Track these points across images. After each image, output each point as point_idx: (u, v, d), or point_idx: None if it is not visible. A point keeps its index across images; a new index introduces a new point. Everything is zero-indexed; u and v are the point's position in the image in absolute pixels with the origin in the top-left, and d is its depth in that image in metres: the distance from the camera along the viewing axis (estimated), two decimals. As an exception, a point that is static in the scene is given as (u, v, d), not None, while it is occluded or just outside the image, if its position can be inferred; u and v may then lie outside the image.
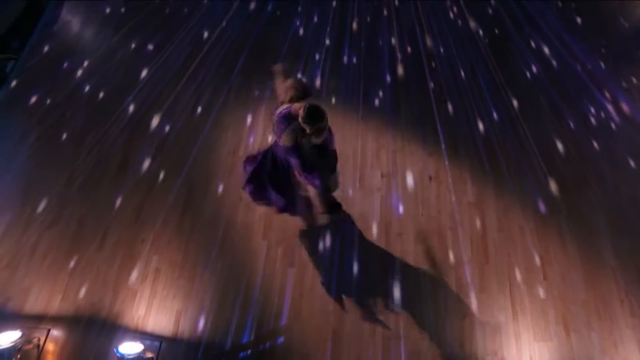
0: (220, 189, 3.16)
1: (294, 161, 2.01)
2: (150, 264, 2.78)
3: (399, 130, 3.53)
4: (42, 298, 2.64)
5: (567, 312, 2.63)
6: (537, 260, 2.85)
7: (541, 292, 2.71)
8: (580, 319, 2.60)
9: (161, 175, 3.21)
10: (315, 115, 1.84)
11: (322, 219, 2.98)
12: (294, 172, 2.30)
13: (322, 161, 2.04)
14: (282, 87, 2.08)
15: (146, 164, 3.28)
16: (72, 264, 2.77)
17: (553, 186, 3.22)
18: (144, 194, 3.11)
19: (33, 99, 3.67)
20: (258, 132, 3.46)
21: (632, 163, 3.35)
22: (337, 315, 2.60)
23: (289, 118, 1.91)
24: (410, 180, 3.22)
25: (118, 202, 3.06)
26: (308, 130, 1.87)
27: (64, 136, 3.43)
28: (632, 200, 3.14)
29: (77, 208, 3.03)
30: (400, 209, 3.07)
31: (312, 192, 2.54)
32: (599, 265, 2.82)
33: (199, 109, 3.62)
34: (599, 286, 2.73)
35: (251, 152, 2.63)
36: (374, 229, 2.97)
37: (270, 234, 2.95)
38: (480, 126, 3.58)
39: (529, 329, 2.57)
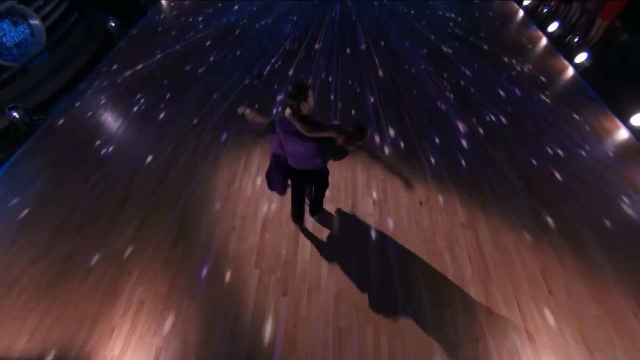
0: (214, 219, 3.24)
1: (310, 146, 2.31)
2: (135, 296, 2.66)
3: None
4: (6, 338, 2.42)
5: (582, 328, 2.52)
6: (539, 275, 2.84)
7: (551, 309, 2.62)
8: (600, 337, 2.48)
9: (156, 209, 3.32)
10: (361, 132, 2.22)
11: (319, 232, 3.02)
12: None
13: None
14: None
15: (144, 198, 3.41)
16: (48, 300, 2.63)
17: (536, 205, 3.42)
18: (136, 227, 3.16)
19: (52, 147, 4.00)
20: (252, 169, 3.73)
21: (597, 180, 3.67)
22: (336, 348, 2.42)
23: (285, 121, 2.24)
24: (402, 205, 3.39)
25: (111, 235, 3.08)
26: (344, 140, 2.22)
27: (72, 176, 3.63)
28: (609, 214, 3.33)
29: (69, 242, 3.02)
30: (395, 232, 3.15)
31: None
32: (601, 279, 2.82)
33: (198, 151, 3.96)
34: (607, 300, 2.68)
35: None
36: (371, 254, 2.98)
37: (262, 262, 2.93)
38: (460, 156, 3.96)
39: (548, 350, 2.41)
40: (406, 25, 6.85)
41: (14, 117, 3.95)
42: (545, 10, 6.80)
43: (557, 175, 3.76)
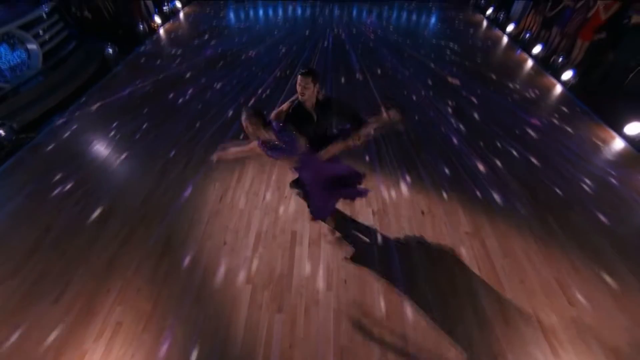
0: (204, 233, 3.07)
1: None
2: (112, 316, 2.41)
3: (384, 173, 3.79)
4: (-43, 369, 2.12)
5: (612, 341, 2.30)
6: (554, 283, 2.67)
7: (573, 320, 2.42)
8: (633, 351, 2.26)
9: (142, 224, 3.15)
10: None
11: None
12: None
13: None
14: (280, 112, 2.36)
15: (129, 213, 3.25)
16: (12, 323, 2.36)
17: (541, 212, 3.32)
18: (119, 243, 2.96)
19: (35, 165, 3.88)
20: (246, 184, 3.62)
21: (600, 188, 3.63)
22: (339, 370, 2.16)
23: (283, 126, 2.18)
24: (403, 215, 3.26)
25: (90, 252, 2.88)
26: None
27: (54, 193, 3.47)
28: (619, 220, 3.24)
29: (44, 260, 2.80)
30: (398, 243, 2.99)
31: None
32: (624, 287, 2.66)
33: (190, 165, 3.87)
34: (634, 310, 2.50)
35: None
36: (372, 266, 2.80)
37: (255, 277, 2.72)
38: (459, 165, 3.93)
39: (575, 367, 2.18)
40: (403, 53, 7.09)
41: (-1, 134, 3.89)
42: (527, 35, 7.23)
43: (561, 183, 3.71)
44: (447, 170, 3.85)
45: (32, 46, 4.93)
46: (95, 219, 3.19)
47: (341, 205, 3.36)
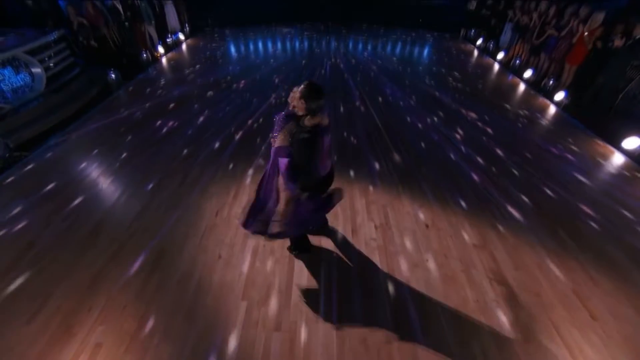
0: (198, 247, 2.93)
1: (282, 162, 2.05)
2: (91, 337, 2.20)
3: (385, 188, 3.73)
4: None
5: (642, 356, 2.11)
6: (573, 296, 2.51)
7: (599, 336, 2.24)
8: (666, 367, 2.06)
9: (133, 239, 3.01)
10: (314, 91, 1.91)
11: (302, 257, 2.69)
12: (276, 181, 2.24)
13: (311, 162, 2.06)
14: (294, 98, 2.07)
15: (120, 228, 3.12)
16: (-21, 346, 2.14)
17: (550, 224, 3.23)
18: (108, 258, 2.80)
19: (26, 182, 3.79)
20: (243, 199, 3.54)
21: (608, 200, 3.58)
22: (344, 396, 1.94)
23: (289, 116, 2.07)
24: (407, 228, 3.16)
25: (75, 268, 2.71)
26: (304, 109, 1.94)
27: (42, 209, 3.36)
28: (632, 232, 3.15)
29: (21, 276, 2.62)
30: (403, 257, 2.86)
31: (283, 199, 2.24)
32: (647, 298, 2.50)
33: (186, 182, 3.80)
34: (663, 322, 2.32)
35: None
36: (377, 280, 2.65)
37: (251, 292, 2.55)
38: (461, 180, 3.89)
39: (608, 388, 1.97)
40: (403, 80, 7.20)
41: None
42: (517, 62, 7.60)
43: (566, 196, 3.66)
44: (449, 184, 3.81)
45: (37, 70, 5.08)
46: (83, 235, 3.05)
47: (341, 219, 3.26)
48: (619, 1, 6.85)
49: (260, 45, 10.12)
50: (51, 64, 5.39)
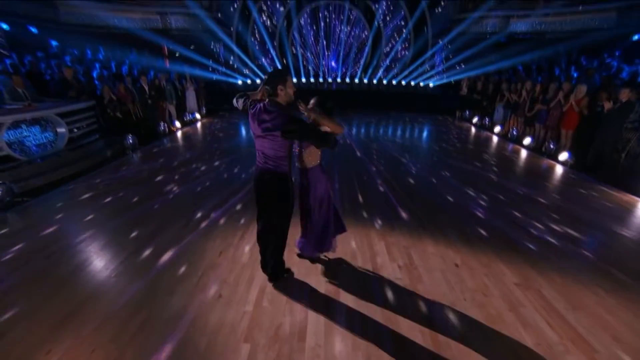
0: (196, 286, 2.58)
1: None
2: (47, 383, 1.73)
3: (404, 231, 3.51)
4: None
5: None
6: (658, 337, 2.06)
7: None
8: None
9: (122, 275, 2.68)
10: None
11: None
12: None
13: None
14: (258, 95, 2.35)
15: (114, 263, 2.82)
16: None
17: (596, 262, 2.91)
18: (88, 295, 2.45)
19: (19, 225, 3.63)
20: (251, 240, 3.29)
21: None
22: None
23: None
24: (435, 269, 2.84)
25: (44, 305, 2.34)
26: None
27: (26, 249, 3.12)
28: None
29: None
30: (434, 295, 2.48)
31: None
32: None
33: (190, 223, 3.62)
34: None
35: None
36: (407, 319, 2.23)
37: (256, 334, 2.12)
38: (481, 215, 3.69)
39: None
40: (409, 169, 6.60)
41: (-5, 193, 3.82)
42: (514, 132, 8.16)
43: (603, 236, 3.41)
44: (472, 228, 3.60)
45: (62, 130, 5.47)
46: (65, 272, 2.74)
47: (360, 261, 2.97)
48: (594, 79, 7.80)
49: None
50: (76, 127, 5.84)
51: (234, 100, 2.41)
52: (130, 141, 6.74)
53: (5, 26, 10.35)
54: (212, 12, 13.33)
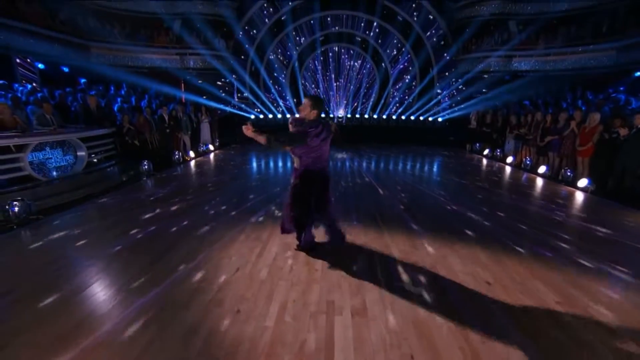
0: (211, 300, 2.45)
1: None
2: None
3: (427, 250, 3.38)
4: None
5: None
6: None
7: None
8: None
9: (132, 289, 2.58)
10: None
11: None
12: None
13: None
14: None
15: (125, 276, 2.73)
16: None
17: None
18: (92, 308, 2.33)
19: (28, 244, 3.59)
20: (268, 258, 3.19)
21: None
22: None
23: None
24: (464, 290, 2.67)
25: (48, 319, 2.23)
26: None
27: (33, 262, 3.05)
28: None
29: None
30: (470, 316, 2.31)
31: None
32: None
33: (205, 241, 3.55)
34: None
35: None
36: (445, 331, 2.06)
37: (278, 349, 1.97)
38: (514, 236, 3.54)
39: None
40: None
41: (12, 210, 3.84)
42: (528, 162, 8.13)
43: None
44: (503, 244, 3.45)
45: (82, 153, 5.64)
46: (72, 287, 2.65)
47: (385, 282, 2.83)
48: (604, 109, 7.92)
49: (271, 161, 11.31)
50: (94, 152, 6.04)
51: (270, 142, 2.75)
52: (146, 167, 6.89)
53: (41, 66, 11.37)
54: (229, 50, 14.39)
